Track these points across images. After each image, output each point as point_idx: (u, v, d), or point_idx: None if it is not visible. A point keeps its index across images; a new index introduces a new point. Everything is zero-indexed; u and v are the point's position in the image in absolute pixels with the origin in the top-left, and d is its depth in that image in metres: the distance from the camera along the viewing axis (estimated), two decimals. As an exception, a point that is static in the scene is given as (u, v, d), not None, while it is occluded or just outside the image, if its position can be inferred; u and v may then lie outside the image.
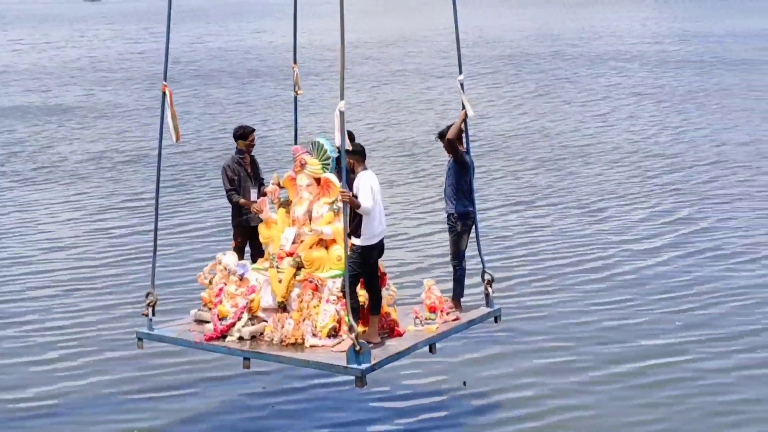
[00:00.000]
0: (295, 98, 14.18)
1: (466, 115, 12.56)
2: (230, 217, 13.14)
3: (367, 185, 11.30)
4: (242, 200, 12.89)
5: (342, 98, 10.85)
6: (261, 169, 13.15)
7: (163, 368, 12.92)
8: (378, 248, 11.51)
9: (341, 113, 10.93)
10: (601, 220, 20.47)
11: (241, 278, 12.30)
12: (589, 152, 28.02)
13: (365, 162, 11.60)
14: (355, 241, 11.33)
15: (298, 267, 12.17)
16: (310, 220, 12.51)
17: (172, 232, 18.50)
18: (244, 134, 13.10)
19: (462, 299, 12.62)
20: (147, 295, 12.28)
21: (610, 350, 13.61)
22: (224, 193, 13.20)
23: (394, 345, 11.49)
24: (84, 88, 42.30)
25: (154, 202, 12.31)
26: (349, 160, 11.49)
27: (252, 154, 13.20)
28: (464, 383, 12.35)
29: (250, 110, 35.39)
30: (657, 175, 24.89)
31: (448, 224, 12.74)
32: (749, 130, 30.78)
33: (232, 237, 13.14)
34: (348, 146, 11.28)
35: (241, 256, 12.90)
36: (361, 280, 11.55)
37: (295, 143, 13.89)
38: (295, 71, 13.99)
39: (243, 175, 12.97)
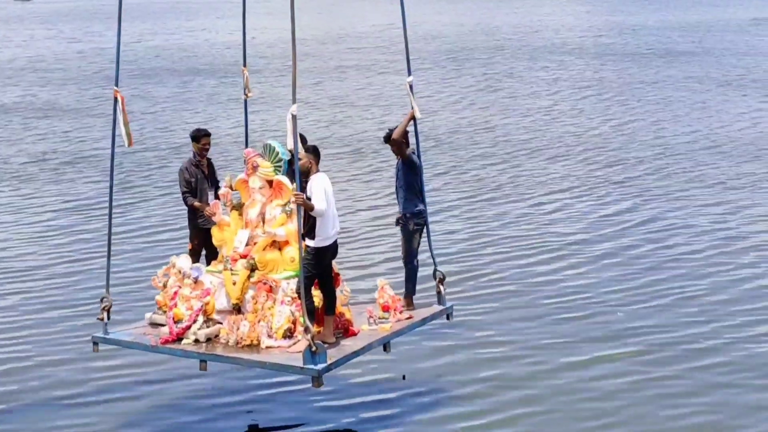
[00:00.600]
0: (246, 101, 14.37)
1: (413, 116, 12.82)
2: (186, 220, 13.27)
3: (320, 187, 11.52)
4: (196, 203, 13.05)
5: (294, 101, 11.08)
6: (217, 172, 13.27)
7: (118, 371, 13.00)
8: (332, 249, 11.75)
9: (293, 116, 11.13)
10: (546, 213, 20.87)
11: (196, 281, 12.47)
12: (534, 146, 28.44)
13: (318, 164, 11.81)
14: (309, 242, 11.56)
15: (252, 269, 12.40)
16: (263, 222, 12.73)
17: (123, 234, 18.51)
18: (196, 137, 13.29)
19: (414, 297, 12.90)
20: (102, 300, 12.44)
21: (559, 343, 13.96)
22: (179, 194, 13.37)
23: (349, 345, 11.76)
24: (23, 88, 41.91)
25: (106, 205, 12.46)
26: (306, 161, 11.68)
27: (208, 156, 13.33)
28: (404, 377, 12.58)
29: (194, 109, 35.44)
30: (601, 167, 25.38)
31: (400, 224, 13.01)
32: (689, 121, 31.40)
33: (188, 239, 13.27)
34: (301, 149, 11.47)
35: (196, 259, 13.07)
36: (316, 281, 11.78)
37: (246, 145, 14.10)
38: (245, 74, 14.19)
39: (200, 177, 13.15)
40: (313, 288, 11.72)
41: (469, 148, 28.27)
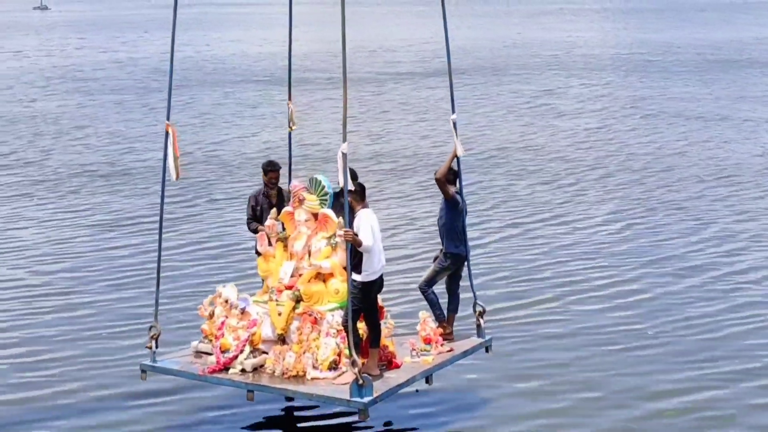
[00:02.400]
0: (290, 134, 15.18)
1: (456, 154, 13.57)
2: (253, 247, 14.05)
3: (367, 224, 12.27)
4: (260, 227, 13.78)
5: (344, 140, 11.84)
6: (288, 201, 13.93)
7: (165, 398, 13.69)
8: (378, 284, 12.48)
9: (344, 155, 11.89)
10: (590, 238, 21.55)
11: (243, 312, 13.23)
12: (577, 166, 29.27)
13: (364, 200, 12.56)
14: (355, 277, 12.29)
15: (297, 300, 13.16)
16: (309, 254, 13.48)
17: (171, 260, 19.22)
18: (264, 171, 14.07)
19: (453, 326, 13.71)
20: (150, 328, 13.23)
21: (600, 376, 14.52)
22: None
23: (393, 377, 12.51)
24: (62, 98, 43.27)
25: (154, 219, 13.28)
26: (350, 201, 12.44)
27: (280, 186, 14.05)
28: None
29: (237, 122, 37.20)
30: (652, 188, 26.08)
31: (439, 258, 13.80)
32: (741, 139, 32.09)
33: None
34: (350, 186, 12.21)
35: None
36: (361, 314, 12.51)
37: (289, 177, 14.89)
38: (290, 107, 14.99)
39: (266, 206, 13.88)
40: (358, 321, 12.45)
41: (507, 167, 29.04)
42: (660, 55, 61.29)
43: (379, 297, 13.10)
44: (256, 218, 14.06)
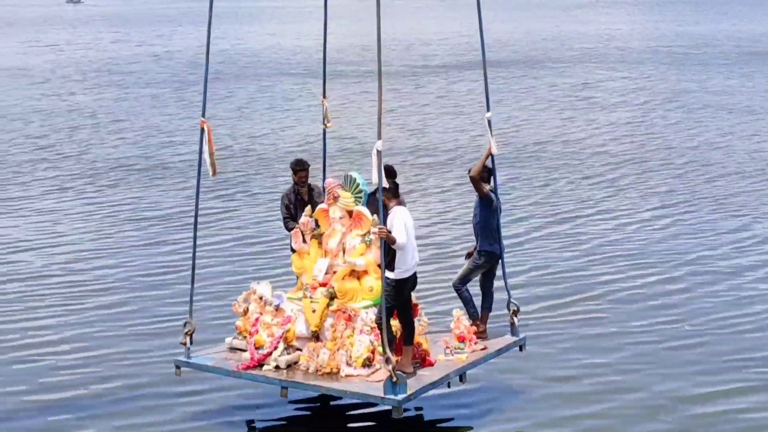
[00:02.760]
0: (324, 131, 15.29)
1: (490, 152, 13.64)
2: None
3: (400, 221, 12.37)
4: (296, 226, 13.92)
5: (380, 137, 11.94)
6: (319, 197, 14.09)
7: (200, 396, 13.84)
8: (411, 281, 12.58)
9: (379, 152, 11.99)
10: (629, 234, 21.51)
11: (277, 308, 13.37)
12: (617, 160, 29.28)
13: (398, 197, 12.66)
14: (389, 274, 12.39)
15: (332, 297, 13.28)
16: (343, 251, 13.60)
17: (205, 256, 19.36)
18: (293, 170, 14.20)
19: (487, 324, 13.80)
20: (185, 324, 13.40)
21: (637, 378, 14.44)
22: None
23: (427, 375, 12.62)
24: (99, 91, 43.83)
25: (189, 214, 13.44)
26: (383, 198, 12.54)
27: (309, 183, 14.25)
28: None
29: (272, 116, 37.51)
30: (696, 183, 26.08)
31: (473, 256, 13.90)
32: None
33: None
34: (385, 184, 12.31)
35: None
36: (395, 311, 12.62)
37: (324, 174, 15.02)
38: (324, 105, 15.10)
39: (298, 204, 14.04)
40: (392, 318, 12.55)
41: (545, 162, 29.11)
42: (698, 47, 61.10)
43: (413, 294, 13.21)
44: (291, 217, 14.20)
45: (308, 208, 14.15)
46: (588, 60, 54.21)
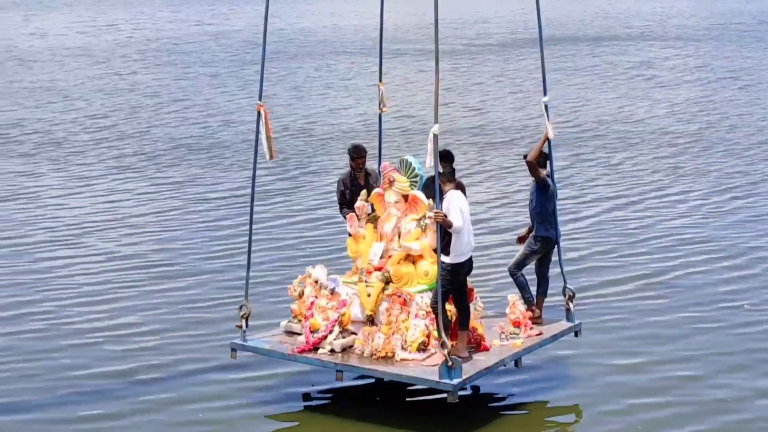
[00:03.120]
0: (380, 115, 15.40)
1: (547, 137, 13.67)
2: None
3: (456, 205, 12.46)
4: (350, 212, 14.06)
5: (436, 121, 12.03)
6: (376, 182, 14.22)
7: (256, 376, 14.02)
8: (466, 265, 12.66)
9: (435, 136, 12.07)
10: (688, 217, 21.36)
11: (332, 292, 13.52)
12: (679, 141, 28.98)
13: (454, 182, 12.74)
14: (444, 258, 12.48)
15: (387, 281, 13.40)
16: (399, 236, 13.70)
17: (261, 238, 19.55)
18: (351, 156, 14.37)
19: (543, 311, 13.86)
20: (240, 307, 13.59)
21: (694, 367, 14.34)
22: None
23: (482, 360, 12.71)
24: (161, 71, 44.49)
25: (246, 194, 13.50)
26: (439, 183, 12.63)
27: (366, 168, 14.37)
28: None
29: (329, 94, 38.05)
30: (755, 163, 25.91)
31: (529, 240, 13.96)
32: None
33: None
34: (440, 168, 12.38)
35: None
36: (450, 296, 12.71)
37: (379, 158, 15.13)
38: (380, 89, 15.20)
39: (354, 189, 14.17)
40: (447, 303, 12.64)
41: (603, 140, 29.03)
42: (757, 24, 60.44)
43: (469, 279, 13.30)
44: (345, 202, 14.31)
45: (364, 192, 14.26)
46: (645, 38, 53.76)
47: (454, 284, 12.62)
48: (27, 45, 55.11)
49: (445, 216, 12.36)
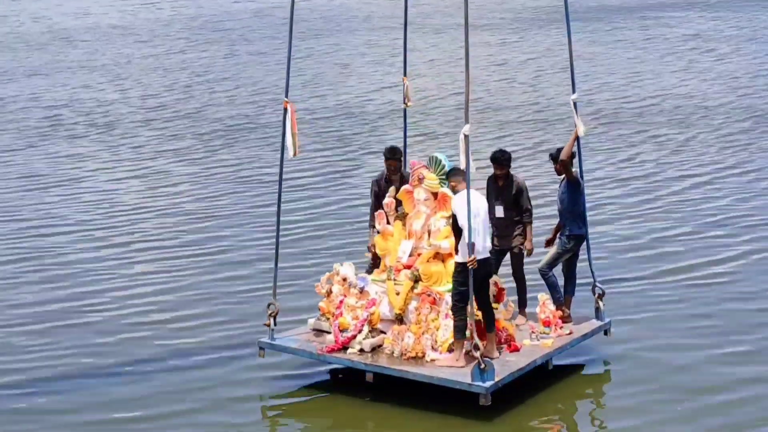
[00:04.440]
0: (405, 110, 15.63)
1: (577, 135, 13.89)
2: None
3: (462, 207, 12.63)
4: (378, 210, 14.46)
5: (467, 121, 12.26)
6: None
7: (283, 378, 14.24)
8: (481, 265, 12.72)
9: (466, 137, 12.30)
10: (721, 208, 21.36)
11: (362, 291, 13.76)
12: (714, 121, 28.99)
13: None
14: (456, 258, 12.76)
15: (416, 280, 13.65)
16: (428, 234, 13.92)
17: (289, 233, 19.67)
18: (386, 157, 14.73)
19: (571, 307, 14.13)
20: (268, 306, 13.85)
21: (728, 370, 14.31)
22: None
23: (513, 361, 12.99)
24: (206, 49, 45.31)
25: (276, 178, 13.69)
26: (454, 184, 12.96)
27: (401, 171, 14.65)
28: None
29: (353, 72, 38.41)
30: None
31: (561, 240, 14.20)
32: None
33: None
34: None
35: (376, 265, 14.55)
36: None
37: (405, 155, 15.34)
38: (405, 84, 15.43)
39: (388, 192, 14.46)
40: (469, 303, 12.78)
41: (637, 124, 29.05)
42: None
43: (499, 279, 13.56)
44: (379, 205, 14.48)
45: (392, 188, 14.49)
46: (692, 7, 54.02)
47: (468, 285, 12.67)
48: (70, 24, 55.55)
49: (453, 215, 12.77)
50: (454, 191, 13.16)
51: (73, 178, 25.07)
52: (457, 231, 12.75)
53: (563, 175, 14.19)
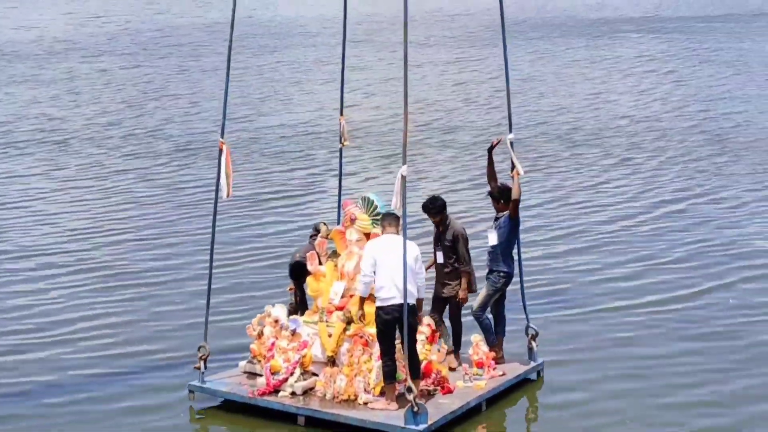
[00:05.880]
0: (341, 150, 15.95)
1: (518, 174, 14.27)
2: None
3: (369, 253, 13.22)
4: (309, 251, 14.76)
5: (404, 162, 12.62)
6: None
7: (213, 419, 14.37)
8: (394, 310, 13.02)
9: (403, 177, 12.65)
10: (652, 241, 21.81)
11: (293, 333, 14.03)
12: (636, 141, 30.04)
13: (395, 225, 13.37)
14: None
15: (348, 322, 13.92)
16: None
17: (221, 275, 19.57)
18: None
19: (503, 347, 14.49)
20: (199, 349, 14.08)
21: (666, 409, 14.57)
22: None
23: (447, 403, 13.33)
24: (152, 64, 46.54)
25: (210, 204, 14.01)
26: (382, 225, 13.57)
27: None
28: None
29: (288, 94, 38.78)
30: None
31: (490, 278, 14.52)
32: None
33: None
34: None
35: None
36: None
37: (339, 195, 15.67)
38: (342, 123, 15.75)
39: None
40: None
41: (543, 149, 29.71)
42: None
43: (431, 321, 13.91)
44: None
45: (324, 228, 14.79)
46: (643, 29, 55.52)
47: (386, 328, 13.08)
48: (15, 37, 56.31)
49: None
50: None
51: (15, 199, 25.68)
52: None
53: (503, 213, 14.49)
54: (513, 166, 14.31)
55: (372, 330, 13.70)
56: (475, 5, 71.39)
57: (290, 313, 14.63)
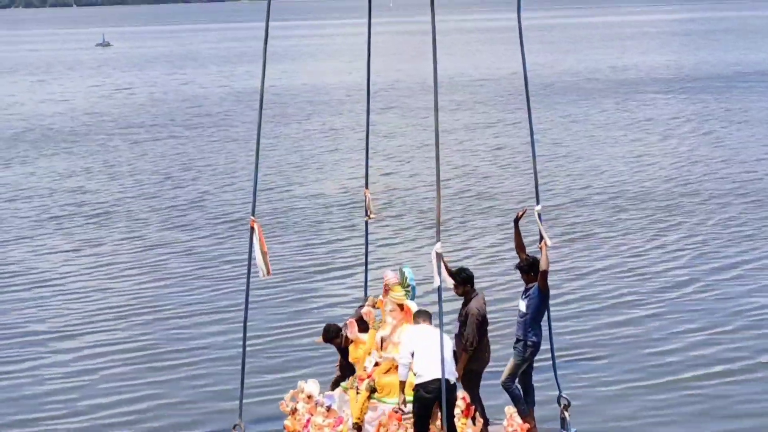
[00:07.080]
0: (366, 222, 16.35)
1: (546, 244, 14.60)
2: None
3: (407, 341, 13.53)
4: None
5: (438, 239, 12.91)
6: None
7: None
8: (432, 390, 13.20)
9: (438, 255, 12.99)
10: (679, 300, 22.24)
11: (329, 409, 14.31)
12: (679, 204, 30.27)
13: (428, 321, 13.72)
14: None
15: (373, 390, 14.17)
16: (392, 344, 14.54)
17: (255, 348, 19.83)
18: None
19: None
20: (234, 427, 14.24)
21: None
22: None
23: (482, 477, 13.52)
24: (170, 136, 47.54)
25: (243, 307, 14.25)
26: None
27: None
28: None
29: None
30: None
31: (518, 348, 14.73)
32: None
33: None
34: (450, 285, 13.38)
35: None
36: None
37: (366, 268, 16.08)
38: (367, 196, 16.15)
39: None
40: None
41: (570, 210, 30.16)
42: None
43: (466, 395, 14.20)
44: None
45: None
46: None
47: (422, 406, 13.30)
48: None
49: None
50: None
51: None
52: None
53: (532, 284, 14.82)
54: (541, 237, 14.62)
55: (390, 401, 13.89)
56: (500, 70, 72.30)
57: (334, 384, 14.98)
